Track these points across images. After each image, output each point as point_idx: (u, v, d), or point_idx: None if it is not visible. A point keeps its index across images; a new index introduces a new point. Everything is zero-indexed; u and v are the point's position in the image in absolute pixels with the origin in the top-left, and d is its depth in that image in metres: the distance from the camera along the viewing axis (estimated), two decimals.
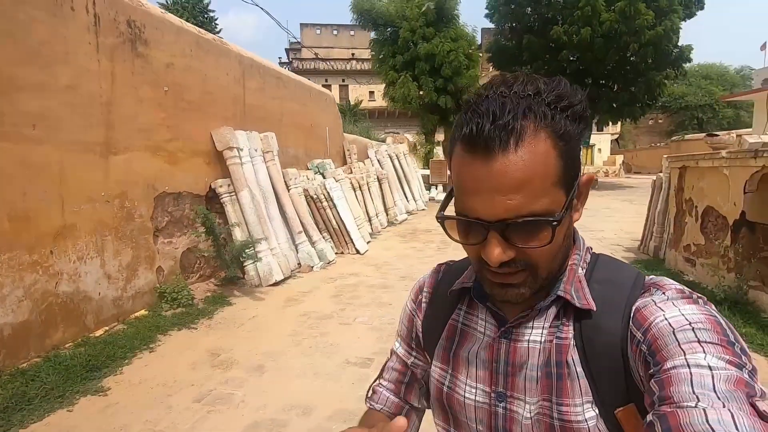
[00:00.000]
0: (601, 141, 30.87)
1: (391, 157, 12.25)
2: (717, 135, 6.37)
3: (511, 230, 0.50)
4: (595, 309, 0.55)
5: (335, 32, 34.15)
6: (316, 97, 8.96)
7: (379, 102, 25.51)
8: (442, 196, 15.32)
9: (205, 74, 5.20)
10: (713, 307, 0.51)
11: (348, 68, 28.50)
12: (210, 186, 5.33)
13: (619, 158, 28.78)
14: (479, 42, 21.38)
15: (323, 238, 6.81)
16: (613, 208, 11.88)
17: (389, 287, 5.33)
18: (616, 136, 32.59)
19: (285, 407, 2.75)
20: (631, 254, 6.83)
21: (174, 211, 4.78)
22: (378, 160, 11.58)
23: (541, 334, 0.58)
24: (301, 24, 34.02)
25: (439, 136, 21.42)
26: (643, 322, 0.51)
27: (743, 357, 0.44)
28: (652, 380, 0.46)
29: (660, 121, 32.99)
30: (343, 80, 29.85)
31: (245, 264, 5.34)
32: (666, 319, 0.49)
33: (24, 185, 3.18)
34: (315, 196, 7.00)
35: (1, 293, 3.02)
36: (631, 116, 18.69)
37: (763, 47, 26.86)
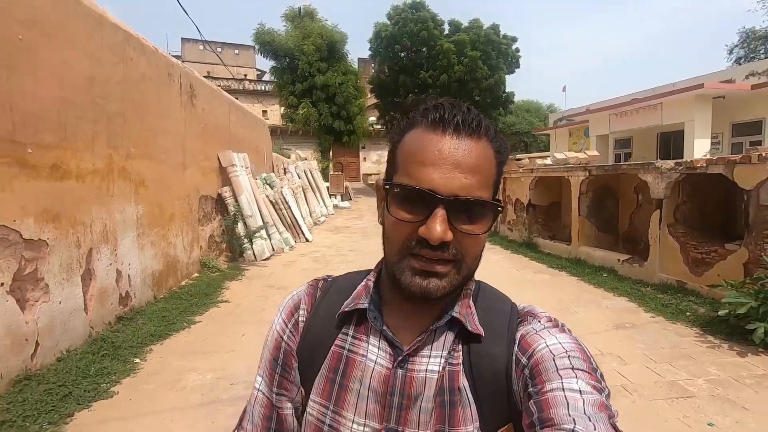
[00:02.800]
0: None
1: (305, 172, 14.96)
2: (520, 159, 10.85)
3: (458, 210, 0.50)
4: (483, 335, 0.56)
5: (220, 50, 34.78)
6: (259, 123, 11.36)
7: (273, 121, 27.50)
8: (344, 203, 18.47)
9: (215, 114, 7.48)
10: (572, 333, 0.57)
11: (241, 88, 29.81)
12: (218, 192, 7.57)
13: None
14: (356, 68, 25.14)
15: (285, 230, 9.34)
16: None
17: (345, 255, 8.25)
18: None
19: None
20: None
21: (204, 207, 6.98)
22: (296, 174, 14.19)
23: (439, 363, 0.57)
24: (182, 39, 33.77)
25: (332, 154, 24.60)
26: (528, 348, 0.54)
27: (602, 382, 0.51)
28: (531, 401, 0.49)
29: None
30: (237, 98, 30.82)
31: (244, 245, 7.68)
32: (547, 346, 0.53)
33: (159, 188, 5.34)
34: (274, 201, 9.49)
35: (154, 251, 5.16)
36: None
37: (563, 89, 37.07)
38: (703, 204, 5.04)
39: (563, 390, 0.48)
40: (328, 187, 19.64)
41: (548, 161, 9.60)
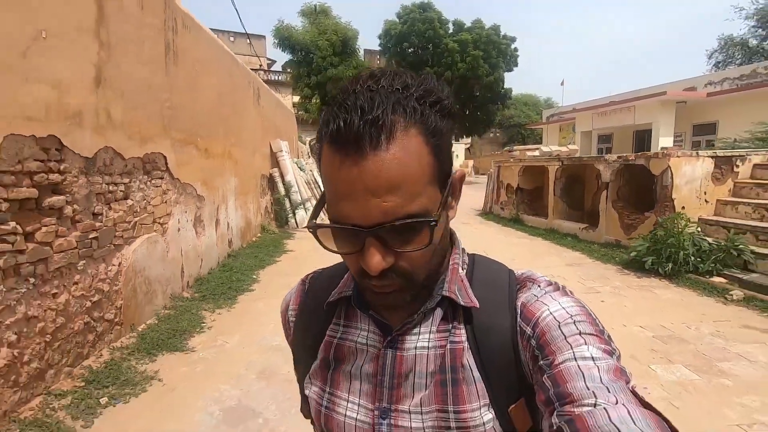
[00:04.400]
0: (458, 149, 39.58)
1: None
2: (512, 150, 12.80)
3: (388, 234, 0.46)
4: (478, 306, 0.54)
5: (232, 39, 36.25)
6: (290, 114, 13.22)
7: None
8: None
9: (268, 109, 9.38)
10: (574, 295, 0.55)
11: (264, 79, 31.51)
12: (269, 173, 9.50)
13: (470, 162, 37.73)
14: (366, 62, 26.87)
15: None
16: (466, 194, 18.55)
17: None
18: (468, 146, 41.89)
19: None
20: (478, 213, 12.91)
21: (262, 184, 8.92)
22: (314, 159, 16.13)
23: (428, 339, 0.55)
24: None
25: None
26: (531, 317, 0.52)
27: (611, 343, 0.48)
28: (545, 376, 0.47)
29: (497, 135, 43.52)
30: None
31: (289, 215, 9.64)
32: (551, 313, 0.51)
33: (244, 168, 7.27)
34: (307, 181, 11.43)
35: (241, 212, 7.12)
36: (477, 132, 26.53)
37: (562, 83, 38.90)
38: (635, 185, 7.01)
39: (575, 359, 0.45)
40: None
41: (537, 153, 11.58)
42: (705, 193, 5.99)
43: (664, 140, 12.39)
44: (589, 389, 0.43)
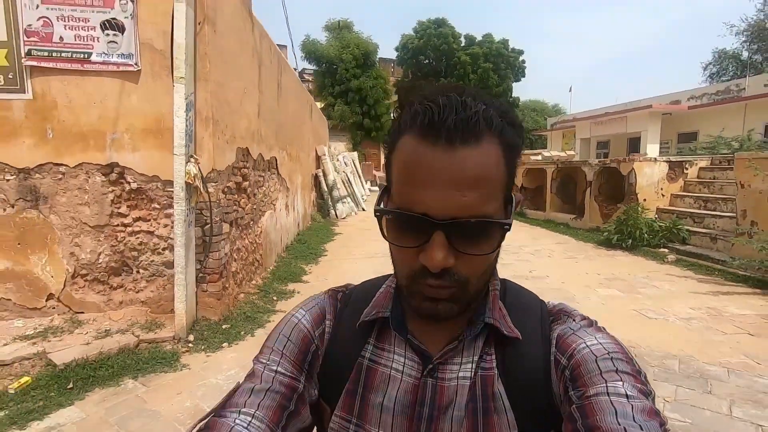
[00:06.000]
0: None
1: (351, 161, 18.92)
2: None
3: (458, 232, 0.45)
4: (521, 338, 0.53)
5: None
6: (324, 121, 15.30)
7: None
8: (375, 188, 22.38)
9: (314, 119, 11.43)
10: (609, 333, 0.54)
11: None
12: (314, 173, 11.54)
13: None
14: (385, 74, 28.99)
15: (350, 201, 13.32)
16: None
17: None
18: None
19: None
20: None
21: (311, 182, 10.95)
22: (344, 162, 18.15)
23: (471, 369, 0.53)
24: None
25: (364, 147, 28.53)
26: (567, 348, 0.51)
27: (647, 384, 0.47)
28: (573, 406, 0.46)
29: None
30: None
31: (330, 208, 11.65)
32: (588, 346, 0.50)
33: (303, 168, 9.30)
34: (343, 180, 13.44)
35: (302, 203, 9.13)
36: None
37: (570, 90, 40.71)
38: (612, 184, 8.88)
39: (608, 395, 0.44)
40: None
41: (539, 158, 13.45)
42: (662, 189, 7.86)
43: (651, 147, 14.20)
44: (620, 425, 0.41)
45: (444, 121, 0.44)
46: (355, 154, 20.21)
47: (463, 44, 25.18)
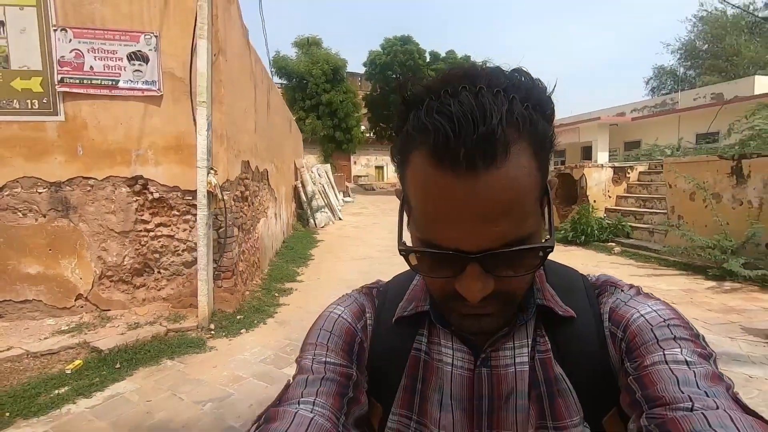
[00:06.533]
0: None
1: (325, 172, 19.49)
2: None
3: (493, 260, 0.42)
4: (576, 316, 0.51)
5: None
6: (299, 135, 15.84)
7: None
8: (348, 199, 22.98)
9: (292, 133, 11.98)
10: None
11: None
12: (294, 184, 12.06)
13: None
14: (354, 88, 29.91)
15: (328, 211, 13.88)
16: None
17: (371, 226, 12.89)
18: None
19: (374, 245, 10.20)
20: None
21: (291, 192, 11.46)
22: (318, 174, 18.70)
23: (527, 353, 0.51)
24: None
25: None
26: (621, 320, 0.50)
27: (707, 347, 0.45)
28: (631, 377, 0.44)
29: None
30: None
31: (309, 218, 12.18)
32: (642, 315, 0.48)
33: (286, 180, 9.83)
34: (319, 191, 14.00)
35: (286, 213, 9.65)
36: None
37: None
38: (567, 188, 9.95)
39: (666, 363, 0.42)
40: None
41: None
42: (608, 191, 8.96)
43: (602, 154, 15.63)
44: (683, 393, 0.39)
45: (460, 142, 0.37)
46: (328, 166, 20.80)
47: (428, 60, 26.40)
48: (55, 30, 3.85)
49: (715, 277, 5.41)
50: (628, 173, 9.07)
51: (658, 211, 7.82)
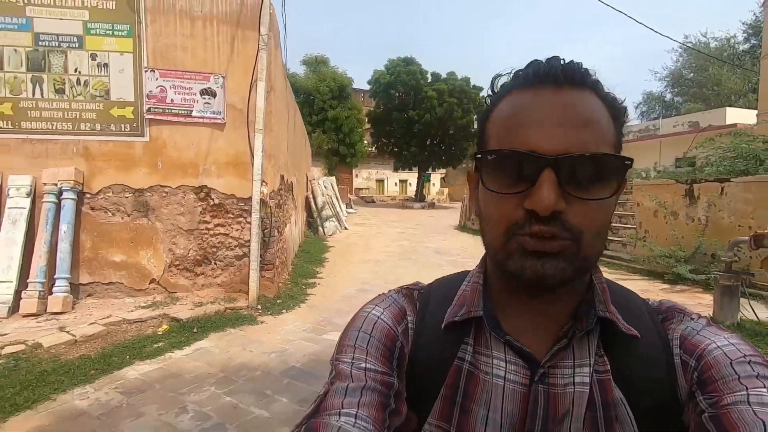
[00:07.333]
0: (435, 178, 44.15)
1: (331, 184, 20.62)
2: None
3: (571, 172, 0.41)
4: (639, 336, 0.47)
5: None
6: (308, 145, 17.00)
7: None
8: (351, 210, 24.05)
9: (306, 145, 13.10)
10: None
11: None
12: (306, 194, 13.13)
13: (446, 190, 42.22)
14: (359, 104, 31.29)
15: (335, 220, 14.94)
16: (439, 216, 22.58)
17: (377, 234, 13.92)
18: (443, 175, 46.67)
19: (380, 251, 11.23)
20: (455, 227, 16.77)
21: (303, 202, 12.52)
22: (324, 186, 19.81)
23: (589, 372, 0.47)
24: None
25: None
26: (695, 349, 0.46)
27: None
28: (706, 415, 0.41)
29: (470, 166, 48.69)
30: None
31: (319, 226, 13.22)
32: (719, 347, 0.45)
33: (300, 190, 10.89)
34: (328, 201, 15.08)
35: (300, 220, 10.69)
36: (452, 164, 30.98)
37: None
38: None
39: (750, 404, 0.39)
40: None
41: None
42: None
43: None
44: None
45: (548, 68, 0.43)
46: (333, 178, 21.94)
47: (429, 80, 27.79)
48: (146, 71, 4.95)
49: (669, 281, 6.48)
50: None
51: (630, 226, 8.90)
